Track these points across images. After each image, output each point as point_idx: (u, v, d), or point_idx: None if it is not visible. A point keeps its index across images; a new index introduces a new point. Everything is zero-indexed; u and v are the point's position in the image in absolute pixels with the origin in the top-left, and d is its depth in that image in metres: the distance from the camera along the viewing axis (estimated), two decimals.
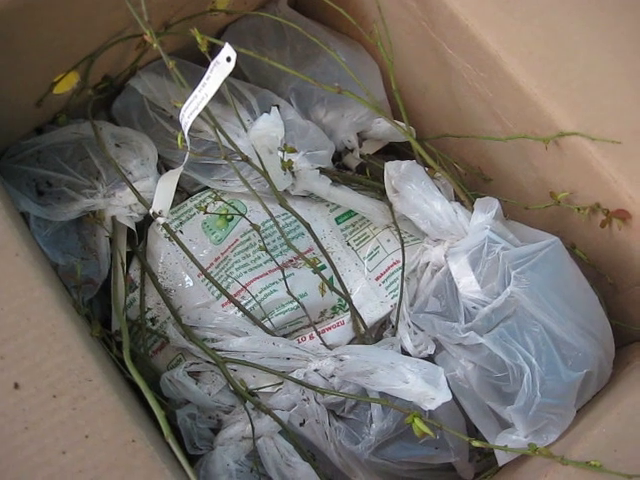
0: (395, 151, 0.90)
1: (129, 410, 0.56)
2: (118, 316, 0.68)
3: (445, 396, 0.63)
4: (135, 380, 0.58)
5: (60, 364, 0.55)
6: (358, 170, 0.88)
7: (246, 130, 0.74)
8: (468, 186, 0.84)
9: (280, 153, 0.74)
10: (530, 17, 0.72)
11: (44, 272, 0.60)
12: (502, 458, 0.66)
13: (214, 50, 0.67)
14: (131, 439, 0.54)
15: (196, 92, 0.65)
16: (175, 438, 0.71)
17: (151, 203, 0.73)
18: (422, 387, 0.63)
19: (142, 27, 0.66)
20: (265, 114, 0.75)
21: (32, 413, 0.53)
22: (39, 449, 0.52)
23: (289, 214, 0.77)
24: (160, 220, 0.72)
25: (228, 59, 0.63)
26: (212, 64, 0.64)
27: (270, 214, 0.70)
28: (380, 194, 0.82)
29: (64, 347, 0.56)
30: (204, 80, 0.65)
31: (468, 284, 0.69)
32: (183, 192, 0.83)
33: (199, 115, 0.66)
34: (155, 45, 0.66)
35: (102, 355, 0.63)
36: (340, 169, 0.88)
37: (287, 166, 0.75)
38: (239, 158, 0.69)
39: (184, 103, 0.66)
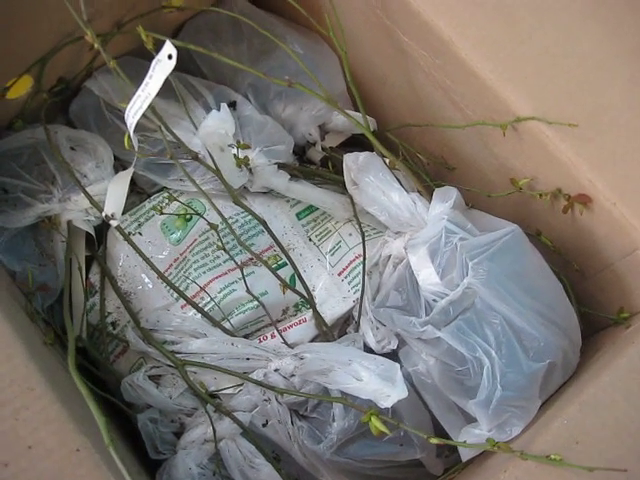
0: (360, 143, 0.88)
1: (74, 418, 0.54)
2: (67, 321, 0.67)
3: (401, 393, 0.61)
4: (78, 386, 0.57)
5: (2, 374, 0.54)
6: (323, 163, 0.87)
7: (197, 128, 0.73)
8: (433, 176, 0.83)
9: (233, 150, 0.72)
10: (483, 0, 0.70)
11: None
12: (465, 454, 0.65)
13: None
14: (75, 448, 0.53)
15: (139, 91, 0.64)
16: (138, 444, 0.72)
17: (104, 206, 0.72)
18: (377, 384, 0.62)
19: (82, 28, 0.64)
20: (214, 111, 0.73)
21: None
22: None
23: None
24: (113, 223, 0.71)
25: (169, 56, 0.62)
26: (154, 62, 0.63)
27: (221, 215, 0.69)
28: (343, 187, 0.80)
29: (6, 357, 0.55)
30: (146, 79, 0.63)
31: (427, 276, 0.67)
32: (143, 193, 0.82)
33: (145, 115, 0.65)
34: (96, 45, 0.64)
35: (52, 363, 0.62)
36: (305, 163, 0.86)
37: (242, 163, 0.73)
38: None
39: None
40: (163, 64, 0.62)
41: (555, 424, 0.59)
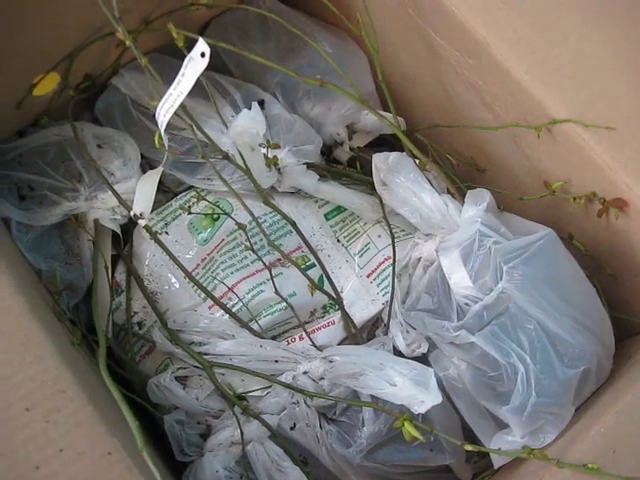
0: (387, 143, 0.87)
1: (105, 421, 0.54)
2: (97, 322, 0.66)
3: (435, 399, 0.60)
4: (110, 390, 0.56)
5: (32, 376, 0.54)
6: (349, 164, 0.86)
7: (227, 127, 0.72)
8: (462, 177, 0.82)
9: (263, 149, 0.72)
10: (518, 1, 0.69)
11: (17, 280, 0.59)
12: (498, 461, 0.64)
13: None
14: (107, 451, 0.53)
15: (171, 90, 0.63)
16: (163, 445, 0.71)
17: (132, 205, 0.71)
18: (411, 390, 0.61)
19: (113, 24, 0.64)
20: (245, 110, 0.72)
21: (3, 427, 0.51)
22: (11, 465, 0.51)
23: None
24: (141, 222, 0.70)
25: (202, 54, 0.61)
26: (186, 60, 0.62)
27: (252, 214, 0.68)
28: (371, 188, 0.79)
29: (37, 358, 0.54)
30: (179, 77, 0.63)
31: (460, 280, 0.66)
32: (169, 192, 0.81)
33: (176, 113, 0.64)
34: (128, 42, 0.64)
35: (81, 364, 0.61)
36: (331, 163, 0.85)
37: (272, 163, 0.73)
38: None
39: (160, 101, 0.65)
40: (195, 62, 0.61)
41: (591, 432, 0.58)
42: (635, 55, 0.68)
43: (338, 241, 0.81)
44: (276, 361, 0.70)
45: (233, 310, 0.73)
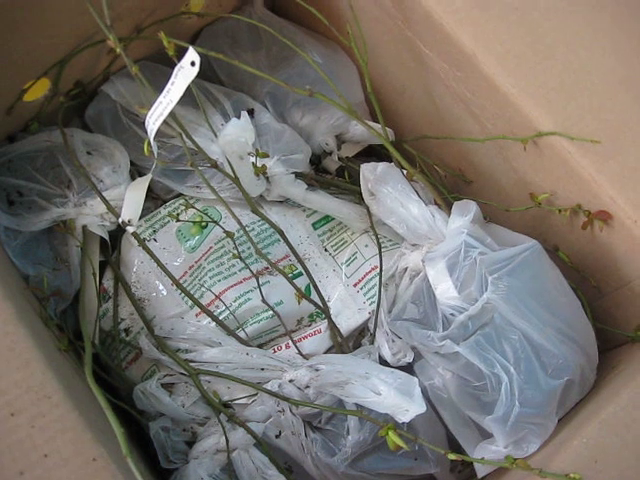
0: (377, 153, 0.88)
1: (91, 427, 0.54)
2: (83, 329, 0.66)
3: (419, 408, 0.61)
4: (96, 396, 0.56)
5: (18, 381, 0.53)
6: (338, 173, 0.86)
7: (216, 135, 0.72)
8: (449, 188, 0.82)
9: (252, 158, 0.72)
10: (506, 14, 0.70)
11: (4, 285, 0.59)
12: (481, 470, 0.64)
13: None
14: (92, 457, 0.53)
15: (161, 98, 0.63)
16: (149, 452, 0.71)
17: (121, 212, 0.71)
18: (395, 399, 0.61)
19: (104, 31, 0.64)
20: (234, 119, 0.73)
21: None
22: None
23: None
24: (130, 229, 0.70)
25: (192, 63, 0.61)
26: (176, 69, 0.62)
27: (240, 223, 0.68)
28: (359, 198, 0.80)
29: (23, 363, 0.54)
30: (169, 86, 0.63)
31: (445, 290, 0.67)
32: (158, 199, 0.82)
33: (166, 122, 0.65)
34: (118, 50, 0.64)
35: (68, 370, 0.62)
36: (320, 173, 0.86)
37: (260, 171, 0.73)
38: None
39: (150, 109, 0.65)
40: (185, 71, 0.62)
41: (574, 443, 0.58)
42: (621, 68, 0.69)
43: (325, 250, 0.81)
44: (262, 369, 0.70)
45: (220, 318, 0.73)
